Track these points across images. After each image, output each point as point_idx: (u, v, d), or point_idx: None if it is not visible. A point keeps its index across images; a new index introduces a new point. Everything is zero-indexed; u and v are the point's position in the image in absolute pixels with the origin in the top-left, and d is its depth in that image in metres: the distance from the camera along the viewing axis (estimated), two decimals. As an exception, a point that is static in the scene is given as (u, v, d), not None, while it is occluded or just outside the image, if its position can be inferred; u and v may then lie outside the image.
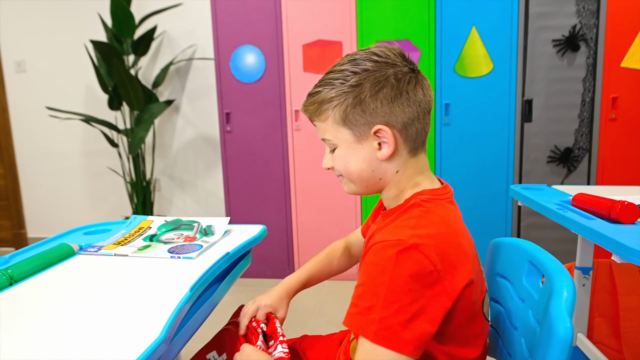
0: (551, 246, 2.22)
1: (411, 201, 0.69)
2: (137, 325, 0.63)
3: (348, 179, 0.75)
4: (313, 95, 0.73)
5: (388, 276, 0.58)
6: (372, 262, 0.62)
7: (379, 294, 0.58)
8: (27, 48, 3.12)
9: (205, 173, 3.10)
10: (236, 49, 2.41)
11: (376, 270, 0.61)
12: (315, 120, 0.74)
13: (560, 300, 0.55)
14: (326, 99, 0.71)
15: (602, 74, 2.15)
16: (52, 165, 3.26)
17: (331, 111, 0.71)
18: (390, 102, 0.68)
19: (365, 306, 0.59)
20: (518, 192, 1.31)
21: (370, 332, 0.57)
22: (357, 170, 0.72)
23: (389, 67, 0.68)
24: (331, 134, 0.72)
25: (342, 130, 0.71)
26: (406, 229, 0.63)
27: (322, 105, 0.71)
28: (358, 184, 0.75)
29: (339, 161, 0.74)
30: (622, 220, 0.92)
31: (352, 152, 0.72)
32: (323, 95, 0.71)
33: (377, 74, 0.68)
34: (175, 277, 0.81)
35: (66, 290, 0.77)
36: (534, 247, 0.72)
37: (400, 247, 0.59)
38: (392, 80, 0.68)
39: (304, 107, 0.75)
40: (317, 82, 0.74)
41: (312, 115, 0.74)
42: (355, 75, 0.68)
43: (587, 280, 1.34)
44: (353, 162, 0.72)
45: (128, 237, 1.05)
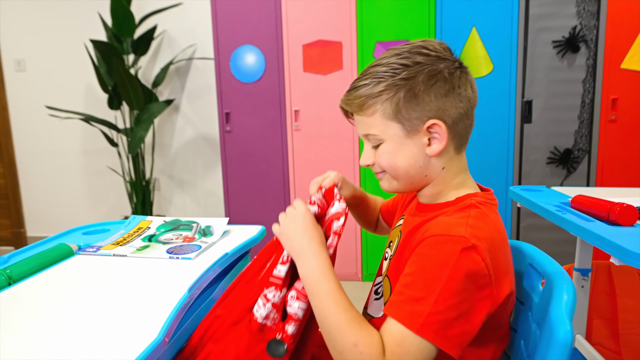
0: (550, 247, 2.22)
1: (465, 201, 0.68)
2: (135, 325, 0.63)
3: (392, 175, 0.72)
4: (358, 88, 0.69)
5: (447, 272, 0.57)
6: (430, 254, 0.60)
7: (433, 288, 0.57)
8: (27, 47, 3.12)
9: (205, 173, 3.10)
10: (236, 49, 2.41)
11: (433, 263, 0.59)
12: (360, 114, 0.71)
13: (560, 303, 0.55)
14: (374, 93, 0.68)
15: (602, 75, 2.15)
16: (51, 164, 3.26)
17: (380, 105, 0.68)
18: (444, 96, 0.67)
19: (414, 297, 0.58)
20: (517, 193, 1.31)
21: (417, 323, 0.56)
22: (404, 166, 0.70)
23: (441, 61, 0.67)
24: (378, 129, 0.69)
25: (391, 125, 0.68)
26: (465, 227, 0.61)
27: (370, 99, 0.68)
28: (403, 181, 0.72)
29: (386, 157, 0.71)
30: (620, 222, 0.92)
31: (400, 148, 0.69)
32: (371, 89, 0.68)
33: (430, 67, 0.66)
34: (174, 278, 0.81)
35: (65, 291, 0.76)
36: (534, 250, 0.72)
37: (463, 245, 0.58)
38: (445, 75, 0.67)
39: (347, 101, 0.72)
40: (359, 76, 0.71)
41: (357, 110, 0.71)
42: (407, 68, 0.66)
43: (586, 282, 1.34)
44: (401, 158, 0.70)
45: (127, 237, 1.05)
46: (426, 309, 0.56)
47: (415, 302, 0.57)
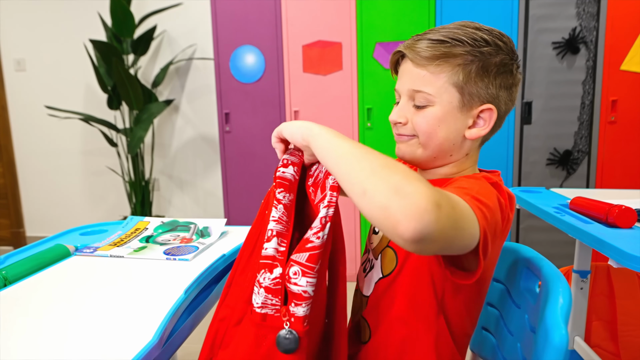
0: (549, 249, 2.22)
1: (477, 175, 0.70)
2: (130, 327, 0.63)
3: (424, 142, 0.69)
4: (434, 42, 0.66)
5: (483, 184, 0.61)
6: (463, 178, 0.64)
7: (475, 188, 0.58)
8: (27, 47, 3.12)
9: (204, 173, 3.10)
10: (236, 49, 2.41)
11: (470, 180, 0.62)
12: (422, 68, 0.67)
13: (555, 307, 0.54)
14: (452, 52, 0.65)
15: (602, 76, 2.15)
16: (51, 164, 3.26)
17: (450, 68, 0.65)
18: (505, 89, 0.68)
19: (458, 186, 0.59)
20: (516, 194, 1.31)
21: (466, 195, 0.54)
22: (443, 137, 0.67)
23: (513, 55, 0.68)
24: (436, 90, 0.66)
25: (452, 92, 0.66)
26: (484, 177, 0.65)
27: (443, 58, 0.65)
28: (430, 152, 0.69)
29: (430, 121, 0.67)
30: (619, 224, 0.92)
31: (449, 118, 0.67)
32: (449, 48, 0.65)
33: (505, 55, 0.67)
34: (171, 279, 0.81)
35: (60, 292, 0.76)
36: (531, 252, 0.72)
37: (490, 180, 0.63)
38: (513, 70, 0.68)
39: (416, 48, 0.67)
40: (433, 30, 0.68)
41: (424, 61, 0.66)
42: (488, 45, 0.65)
43: (585, 283, 1.34)
44: (444, 128, 0.67)
45: (124, 238, 1.05)
46: (475, 196, 0.55)
47: (460, 189, 0.57)
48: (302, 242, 0.59)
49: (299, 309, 0.58)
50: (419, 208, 0.44)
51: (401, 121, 0.70)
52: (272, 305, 0.60)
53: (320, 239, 0.58)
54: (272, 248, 0.62)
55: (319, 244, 0.58)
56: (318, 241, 0.58)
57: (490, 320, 0.80)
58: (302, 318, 0.58)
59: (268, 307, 0.60)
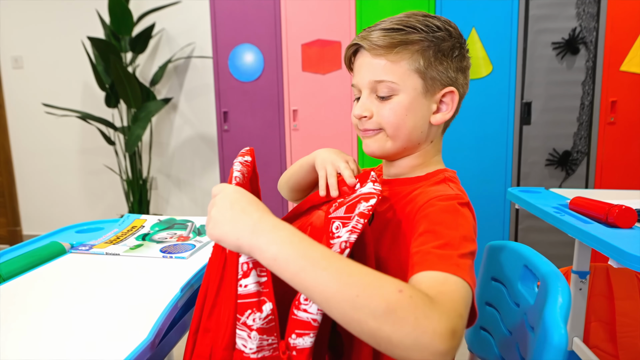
0: (548, 249, 2.21)
1: (438, 176, 0.69)
2: (124, 325, 0.62)
3: (392, 134, 0.68)
4: (389, 30, 0.66)
5: (458, 220, 0.57)
6: (436, 211, 0.58)
7: (452, 234, 0.54)
8: (25, 44, 3.10)
9: (203, 172, 3.09)
10: (235, 48, 2.40)
11: (443, 215, 0.57)
12: (381, 57, 0.66)
13: (555, 307, 0.54)
14: (410, 39, 0.65)
15: (602, 77, 2.14)
16: (48, 162, 3.24)
17: (409, 55, 0.65)
18: (461, 71, 0.69)
19: (437, 245, 0.52)
20: (515, 194, 1.30)
21: (452, 265, 0.49)
22: (411, 126, 0.67)
23: (463, 40, 0.69)
24: (398, 77, 0.65)
25: (414, 78, 0.66)
26: (454, 191, 0.64)
27: (401, 45, 0.65)
28: (400, 142, 0.68)
29: (398, 111, 0.66)
30: (619, 224, 0.91)
31: (415, 105, 0.66)
32: (406, 35, 0.65)
33: (457, 40, 0.68)
34: (167, 277, 0.80)
35: (55, 290, 0.75)
36: (530, 251, 0.71)
37: (462, 200, 0.61)
38: (465, 53, 0.69)
39: (372, 38, 0.66)
40: (387, 20, 0.68)
41: (382, 51, 0.66)
42: (440, 30, 0.66)
43: (584, 284, 1.33)
44: (412, 116, 0.66)
45: (120, 235, 1.04)
46: (454, 253, 0.51)
47: (440, 248, 0.52)
48: None
49: (303, 340, 0.49)
50: (442, 342, 0.42)
51: (366, 115, 0.68)
52: (269, 345, 0.52)
53: None
54: (253, 283, 0.52)
55: None
56: None
57: (489, 320, 0.79)
58: (307, 350, 0.49)
59: (265, 350, 0.52)
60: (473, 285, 0.51)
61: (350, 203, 0.58)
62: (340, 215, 0.57)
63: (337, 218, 0.57)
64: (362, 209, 0.55)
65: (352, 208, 0.57)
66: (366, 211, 0.54)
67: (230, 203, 0.52)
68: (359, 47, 0.69)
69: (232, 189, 0.54)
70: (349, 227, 0.53)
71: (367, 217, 0.54)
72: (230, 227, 0.50)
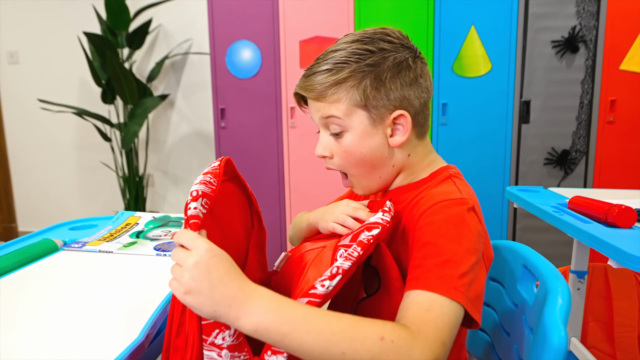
0: (547, 249, 2.21)
1: (442, 174, 0.68)
2: (116, 325, 0.61)
3: (355, 173, 0.68)
4: (318, 74, 0.65)
5: (462, 232, 0.55)
6: (439, 219, 0.56)
7: (455, 249, 0.53)
8: (21, 39, 3.08)
9: (200, 169, 3.06)
10: (232, 44, 2.38)
11: (446, 226, 0.56)
12: (321, 101, 0.66)
13: (554, 308, 0.53)
14: (339, 79, 0.64)
15: (601, 76, 2.14)
16: (44, 158, 3.22)
17: (345, 92, 0.64)
18: (408, 86, 0.65)
19: (437, 262, 0.53)
20: (514, 194, 1.29)
21: (449, 287, 0.51)
22: (371, 158, 0.66)
23: (404, 49, 0.66)
24: (342, 113, 0.65)
25: (358, 113, 0.65)
26: (459, 192, 0.61)
27: (334, 86, 0.64)
28: (370, 176, 0.68)
29: (352, 147, 0.66)
30: (618, 224, 0.90)
31: (367, 138, 0.65)
32: (335, 75, 0.64)
33: (395, 54, 0.64)
34: (160, 276, 0.79)
35: (46, 287, 0.74)
36: (529, 250, 0.70)
37: (467, 206, 0.58)
38: (409, 63, 0.66)
39: (306, 87, 0.67)
40: (317, 61, 0.67)
41: (319, 97, 0.66)
42: (372, 54, 0.64)
43: (582, 284, 1.32)
44: (367, 149, 0.66)
45: (114, 233, 1.02)
46: (455, 272, 0.52)
47: (441, 267, 0.52)
48: (306, 288, 0.51)
49: (276, 357, 0.48)
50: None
51: (326, 154, 0.69)
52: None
53: (325, 287, 0.50)
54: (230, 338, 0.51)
55: (321, 293, 0.50)
56: (322, 289, 0.50)
57: (486, 320, 0.78)
58: None
59: None
60: (475, 298, 0.53)
61: (356, 232, 0.58)
62: (345, 243, 0.56)
63: (343, 246, 0.56)
64: (363, 237, 0.55)
65: (357, 236, 0.56)
66: (365, 240, 0.54)
67: (207, 271, 0.48)
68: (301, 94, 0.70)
69: (206, 251, 0.49)
70: (345, 254, 0.52)
71: (365, 246, 0.54)
72: (206, 298, 0.47)
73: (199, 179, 0.58)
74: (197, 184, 0.57)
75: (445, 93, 2.25)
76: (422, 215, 0.59)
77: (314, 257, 0.63)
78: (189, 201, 0.54)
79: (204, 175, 0.59)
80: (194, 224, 0.52)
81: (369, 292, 0.63)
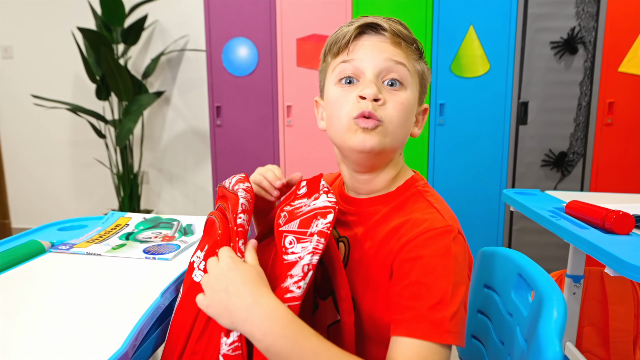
0: (543, 251, 2.20)
1: (411, 189, 0.64)
2: (99, 333, 0.59)
3: (392, 130, 0.60)
4: (404, 27, 0.63)
5: (450, 266, 0.53)
6: (426, 254, 0.54)
7: (444, 287, 0.52)
8: (15, 33, 3.04)
9: (195, 167, 3.05)
10: (228, 41, 2.35)
11: (434, 262, 0.53)
12: (398, 48, 0.61)
13: (550, 321, 0.51)
14: (418, 43, 0.64)
15: (600, 78, 2.12)
16: (38, 154, 3.19)
17: (417, 57, 0.64)
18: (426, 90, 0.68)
19: (429, 305, 0.51)
20: (511, 197, 1.28)
21: (444, 332, 0.50)
22: (406, 129, 0.63)
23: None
24: (411, 70, 0.62)
25: (417, 81, 0.64)
26: (441, 216, 0.57)
27: (416, 44, 0.64)
28: (394, 143, 0.62)
29: (405, 105, 0.61)
30: (616, 230, 0.89)
31: (412, 108, 0.63)
32: (415, 41, 0.64)
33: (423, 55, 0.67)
34: (148, 280, 0.77)
35: (29, 292, 0.72)
36: (524, 259, 0.68)
37: (452, 235, 0.55)
38: None
39: (396, 26, 0.61)
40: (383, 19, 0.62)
41: (405, 44, 0.61)
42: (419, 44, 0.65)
43: (578, 288, 1.31)
44: (409, 118, 0.63)
45: (103, 234, 1.00)
46: (447, 314, 0.51)
47: (433, 310, 0.51)
48: (279, 291, 0.52)
49: None
50: None
51: (380, 97, 0.59)
52: None
53: (301, 288, 0.51)
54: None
55: (299, 294, 0.50)
56: (299, 291, 0.50)
57: (480, 329, 0.76)
58: None
59: None
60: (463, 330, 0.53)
61: (304, 217, 0.57)
62: (293, 230, 0.56)
63: (290, 232, 0.56)
64: (321, 227, 0.54)
65: (307, 223, 0.56)
66: (325, 229, 0.54)
67: (225, 283, 0.52)
68: (371, 28, 0.62)
69: (227, 264, 0.53)
70: (310, 249, 0.52)
71: (327, 236, 0.53)
72: (223, 309, 0.51)
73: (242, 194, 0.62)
74: (242, 199, 0.61)
75: (443, 93, 2.23)
76: (407, 246, 0.56)
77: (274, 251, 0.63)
78: (240, 212, 0.60)
79: (245, 192, 0.63)
80: (240, 232, 0.57)
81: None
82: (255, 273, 0.53)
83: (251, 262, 0.56)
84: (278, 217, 0.62)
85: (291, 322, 0.48)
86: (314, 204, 0.59)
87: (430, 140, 2.27)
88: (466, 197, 2.28)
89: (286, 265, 0.54)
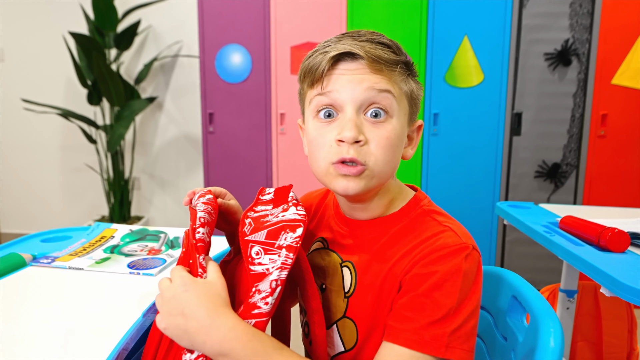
0: (536, 262, 2.19)
1: (415, 211, 0.61)
2: (82, 350, 0.56)
3: (378, 170, 0.55)
4: (387, 47, 0.56)
5: (458, 283, 0.51)
6: (436, 271, 0.52)
7: (450, 303, 0.51)
8: (6, 36, 3.00)
9: (187, 173, 3.01)
10: (222, 48, 2.34)
11: (443, 278, 0.52)
12: (380, 75, 0.55)
13: (546, 351, 0.49)
14: (402, 60, 0.57)
15: (593, 90, 2.13)
16: (28, 158, 3.14)
17: (402, 76, 0.57)
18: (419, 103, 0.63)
19: (432, 319, 0.50)
20: (504, 210, 1.26)
21: (442, 347, 0.49)
22: (394, 161, 0.57)
23: None
24: (397, 95, 0.56)
25: (405, 103, 0.58)
26: (454, 234, 0.55)
27: (399, 64, 0.56)
28: (380, 181, 0.57)
29: (395, 134, 0.56)
30: (611, 248, 0.87)
31: (401, 135, 0.57)
32: (399, 56, 0.57)
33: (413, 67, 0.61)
34: (131, 297, 0.74)
35: (7, 307, 0.69)
36: (518, 279, 0.67)
37: (466, 252, 0.54)
38: None
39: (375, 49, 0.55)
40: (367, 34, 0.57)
41: (387, 66, 0.55)
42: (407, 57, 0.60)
43: (572, 303, 1.30)
44: (397, 149, 0.57)
45: (88, 246, 0.97)
46: (447, 329, 0.50)
47: (433, 325, 0.50)
48: (247, 306, 0.51)
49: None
50: None
51: (361, 139, 0.54)
52: None
53: (268, 304, 0.50)
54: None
55: (266, 310, 0.50)
56: (266, 307, 0.50)
57: (475, 351, 0.74)
58: None
59: None
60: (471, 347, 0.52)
61: (272, 229, 0.56)
62: (260, 240, 0.55)
63: (257, 242, 0.55)
64: (290, 241, 0.53)
65: (275, 235, 0.55)
66: (294, 244, 0.53)
67: (181, 306, 0.51)
68: (348, 55, 0.55)
69: (180, 285, 0.52)
70: (279, 264, 0.52)
71: (296, 250, 0.53)
72: (182, 333, 0.50)
73: (201, 207, 0.61)
74: (201, 212, 0.60)
75: (437, 103, 2.22)
76: (420, 262, 0.54)
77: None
78: (197, 226, 0.58)
79: (204, 204, 0.62)
80: (200, 247, 0.56)
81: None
82: (212, 291, 0.52)
83: (212, 278, 0.54)
84: (242, 224, 0.60)
85: (251, 340, 0.48)
86: (282, 215, 0.57)
87: (424, 150, 2.26)
88: (459, 207, 2.27)
89: (253, 276, 0.53)
